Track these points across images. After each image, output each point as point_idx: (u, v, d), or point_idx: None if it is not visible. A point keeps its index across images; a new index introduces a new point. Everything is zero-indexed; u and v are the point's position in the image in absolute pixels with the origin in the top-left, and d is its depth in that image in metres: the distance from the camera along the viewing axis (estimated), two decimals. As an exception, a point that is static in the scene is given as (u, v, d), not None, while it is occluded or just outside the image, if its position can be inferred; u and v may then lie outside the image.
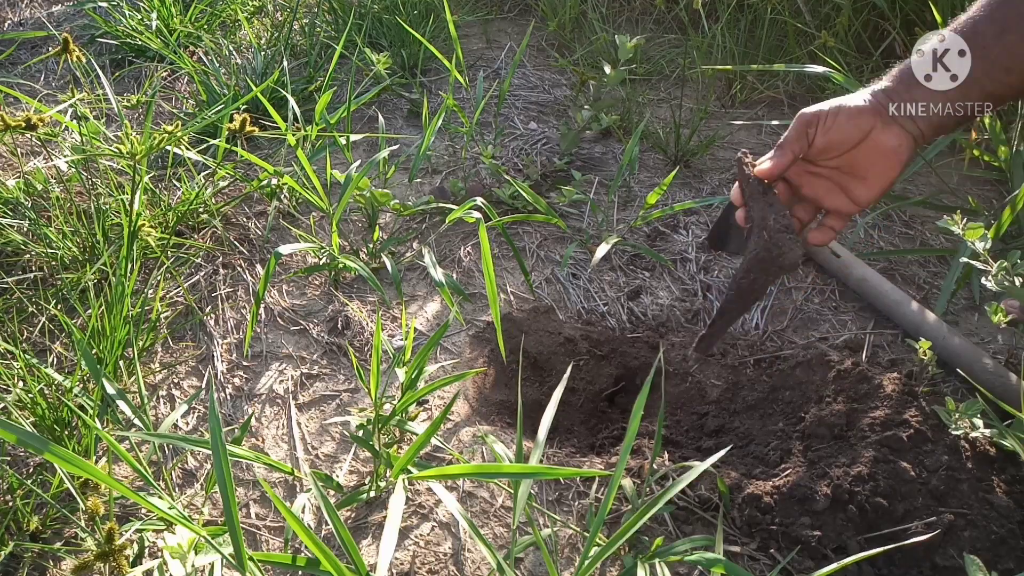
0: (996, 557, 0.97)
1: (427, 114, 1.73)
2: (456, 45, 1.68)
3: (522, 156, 1.87)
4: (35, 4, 2.69)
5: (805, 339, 1.40)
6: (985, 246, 1.07)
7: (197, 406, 1.27)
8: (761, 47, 2.03)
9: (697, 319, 1.48)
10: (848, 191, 0.91)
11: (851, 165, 0.89)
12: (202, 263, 1.54)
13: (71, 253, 1.43)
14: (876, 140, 0.86)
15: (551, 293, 1.53)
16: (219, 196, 1.68)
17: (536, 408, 1.33)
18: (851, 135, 0.87)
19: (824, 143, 0.88)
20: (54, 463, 0.74)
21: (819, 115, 0.88)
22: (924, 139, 0.87)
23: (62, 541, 1.06)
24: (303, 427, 1.24)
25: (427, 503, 1.11)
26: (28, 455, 1.17)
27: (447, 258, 1.58)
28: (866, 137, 0.86)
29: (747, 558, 1.04)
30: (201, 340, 1.39)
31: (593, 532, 0.84)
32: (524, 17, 2.53)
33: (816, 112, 0.88)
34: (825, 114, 0.87)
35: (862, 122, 0.86)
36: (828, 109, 0.87)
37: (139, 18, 2.23)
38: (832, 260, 1.50)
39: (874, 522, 1.02)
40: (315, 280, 1.52)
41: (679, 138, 1.84)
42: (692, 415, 1.29)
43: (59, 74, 2.23)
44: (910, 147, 0.86)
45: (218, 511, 1.11)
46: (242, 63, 2.10)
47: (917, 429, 1.07)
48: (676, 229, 1.69)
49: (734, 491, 1.08)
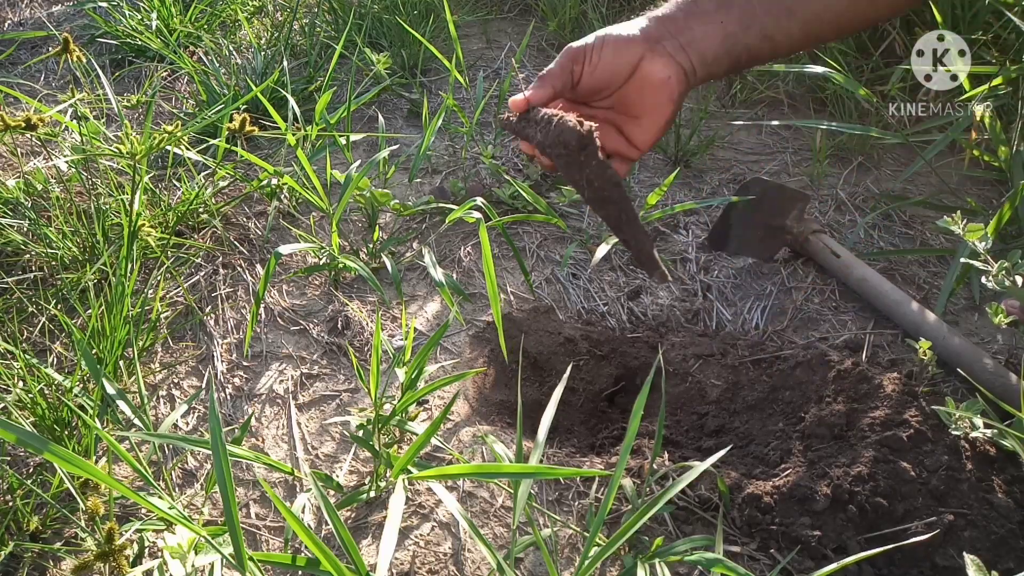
0: (996, 557, 0.97)
1: (427, 114, 1.73)
2: (456, 45, 1.68)
3: (522, 156, 1.87)
4: (35, 4, 2.69)
5: (805, 339, 1.40)
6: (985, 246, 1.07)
7: (197, 406, 1.27)
8: (761, 47, 2.02)
9: (697, 319, 1.48)
10: (626, 133, 0.83)
11: (624, 104, 0.82)
12: (202, 263, 1.54)
13: (71, 253, 1.43)
14: (644, 72, 0.79)
15: (551, 293, 1.53)
16: (219, 196, 1.68)
17: (536, 408, 1.33)
18: (619, 70, 0.79)
19: (592, 82, 0.80)
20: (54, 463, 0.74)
21: (585, 49, 0.79)
22: (696, 77, 0.79)
23: (62, 541, 1.06)
24: (303, 427, 1.24)
25: (427, 503, 1.11)
26: (28, 455, 1.17)
27: (447, 258, 1.58)
28: (635, 71, 0.79)
29: (747, 558, 1.04)
30: (201, 340, 1.39)
31: (593, 532, 0.84)
32: (524, 17, 2.53)
33: (582, 47, 0.79)
34: (591, 48, 0.79)
35: (630, 54, 0.78)
36: (594, 42, 0.79)
37: (139, 18, 2.23)
38: (832, 260, 1.50)
39: (874, 522, 1.02)
40: (315, 280, 1.52)
41: (679, 138, 1.84)
42: (692, 415, 1.29)
43: (59, 74, 2.23)
44: (680, 80, 0.78)
45: (218, 511, 1.11)
46: (242, 63, 2.10)
47: (917, 429, 1.07)
48: (676, 229, 1.69)
49: (734, 491, 1.08)
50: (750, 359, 1.34)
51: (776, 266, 1.58)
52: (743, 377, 1.31)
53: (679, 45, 0.79)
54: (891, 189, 1.76)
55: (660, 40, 0.79)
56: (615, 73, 0.80)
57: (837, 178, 1.80)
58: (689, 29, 0.79)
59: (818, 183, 1.78)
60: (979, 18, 1.72)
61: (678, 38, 0.79)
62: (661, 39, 0.79)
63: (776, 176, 1.83)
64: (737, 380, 1.31)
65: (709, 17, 0.78)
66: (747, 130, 1.99)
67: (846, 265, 1.48)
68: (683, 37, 0.79)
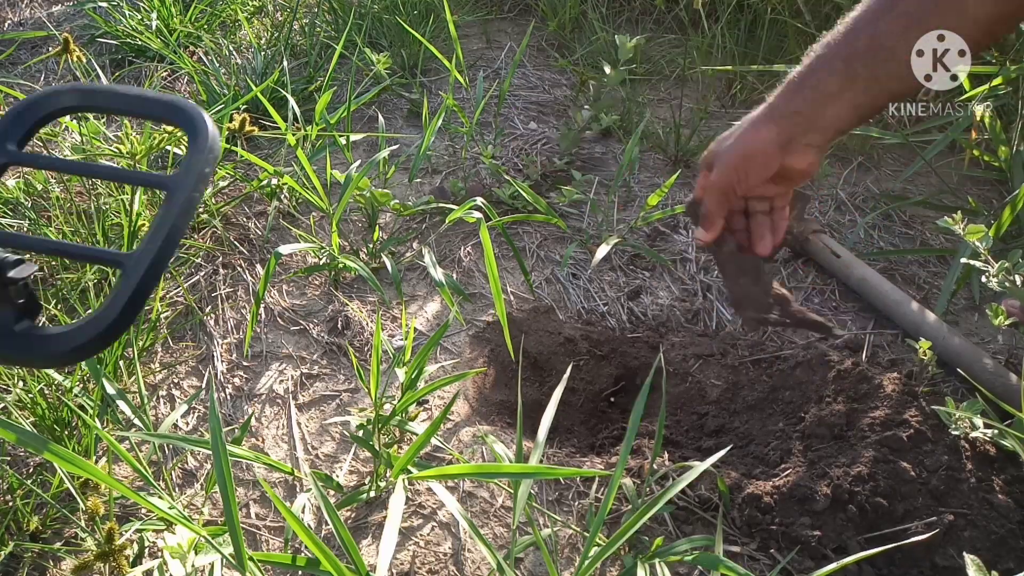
0: (996, 557, 0.97)
1: (427, 114, 1.73)
2: (456, 45, 1.68)
3: (522, 156, 1.87)
4: (35, 4, 2.69)
5: (805, 339, 1.40)
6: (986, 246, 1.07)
7: (197, 406, 1.27)
8: (761, 47, 2.02)
9: (697, 319, 1.48)
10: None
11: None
12: (202, 263, 1.54)
13: (71, 253, 1.43)
14: (785, 168, 0.85)
15: (551, 293, 1.53)
16: (219, 196, 1.68)
17: (536, 408, 1.33)
18: (762, 179, 0.87)
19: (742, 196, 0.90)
20: (54, 463, 0.74)
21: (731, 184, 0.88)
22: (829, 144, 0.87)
23: (62, 541, 1.06)
24: (303, 427, 1.24)
25: (427, 503, 1.11)
26: (28, 455, 1.17)
27: (447, 258, 1.58)
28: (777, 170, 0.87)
29: (747, 558, 1.04)
30: (201, 340, 1.39)
31: (593, 532, 0.84)
32: (524, 17, 2.53)
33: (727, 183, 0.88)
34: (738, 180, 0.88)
35: (770, 167, 0.85)
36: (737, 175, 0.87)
37: (139, 18, 2.23)
38: (832, 260, 1.50)
39: (874, 522, 1.02)
40: (315, 280, 1.52)
41: (679, 138, 1.84)
42: (692, 415, 1.29)
43: (59, 74, 2.23)
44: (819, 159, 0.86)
45: (218, 511, 1.11)
46: (242, 63, 2.10)
47: (917, 429, 1.07)
48: (676, 229, 1.69)
49: (734, 491, 1.08)
50: (750, 359, 1.34)
51: (776, 266, 1.58)
52: (743, 377, 1.31)
53: (813, 134, 0.84)
54: (891, 189, 1.76)
55: (794, 139, 0.84)
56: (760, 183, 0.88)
57: (837, 178, 1.80)
58: (820, 117, 0.83)
59: (818, 183, 1.78)
60: (979, 18, 1.71)
61: (811, 131, 0.83)
62: (795, 138, 0.84)
63: (776, 176, 1.83)
64: (737, 380, 1.31)
65: (836, 99, 0.82)
66: (747, 130, 1.98)
67: (846, 265, 1.48)
68: (815, 128, 0.83)
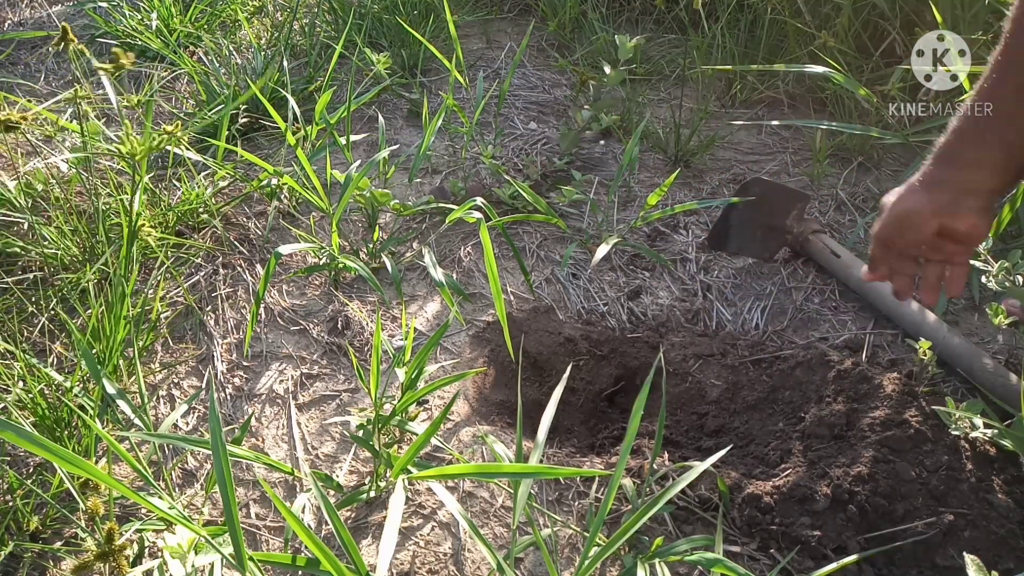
0: (996, 557, 0.97)
1: (427, 114, 1.73)
2: (456, 45, 1.68)
3: (522, 156, 1.87)
4: (35, 4, 2.69)
5: (805, 339, 1.40)
6: (985, 246, 1.07)
7: (197, 406, 1.27)
8: (761, 47, 2.02)
9: (697, 319, 1.48)
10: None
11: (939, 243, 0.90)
12: (202, 263, 1.54)
13: (71, 253, 1.43)
14: (947, 229, 0.86)
15: (551, 293, 1.52)
16: (219, 196, 1.68)
17: (536, 408, 1.33)
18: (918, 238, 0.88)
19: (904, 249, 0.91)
20: (54, 463, 0.74)
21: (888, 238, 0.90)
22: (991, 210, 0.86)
23: (62, 541, 1.06)
24: (303, 427, 1.24)
25: (427, 503, 1.11)
26: (28, 455, 1.17)
27: (447, 258, 1.58)
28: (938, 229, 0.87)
29: (747, 558, 1.04)
30: (201, 340, 1.39)
31: (593, 532, 0.84)
32: (524, 17, 2.53)
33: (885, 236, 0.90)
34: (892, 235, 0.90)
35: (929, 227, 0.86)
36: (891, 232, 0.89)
37: (139, 18, 2.23)
38: (832, 260, 1.50)
39: (874, 522, 1.02)
40: (315, 280, 1.52)
41: (679, 138, 1.84)
42: (692, 415, 1.29)
43: (59, 74, 2.23)
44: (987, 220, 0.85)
45: (218, 511, 1.11)
46: (242, 63, 2.10)
47: (917, 429, 1.07)
48: (676, 229, 1.69)
49: (734, 491, 1.08)
50: (750, 359, 1.34)
51: (776, 266, 1.58)
52: (743, 377, 1.31)
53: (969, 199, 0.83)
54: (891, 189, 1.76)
55: (947, 205, 0.84)
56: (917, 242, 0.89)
57: (837, 178, 1.80)
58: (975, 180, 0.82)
59: (818, 183, 1.78)
60: (979, 18, 1.71)
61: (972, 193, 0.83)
62: (947, 204, 0.84)
63: (776, 176, 1.83)
64: (737, 380, 1.31)
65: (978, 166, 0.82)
66: (747, 130, 1.99)
67: (846, 265, 1.48)
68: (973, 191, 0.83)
